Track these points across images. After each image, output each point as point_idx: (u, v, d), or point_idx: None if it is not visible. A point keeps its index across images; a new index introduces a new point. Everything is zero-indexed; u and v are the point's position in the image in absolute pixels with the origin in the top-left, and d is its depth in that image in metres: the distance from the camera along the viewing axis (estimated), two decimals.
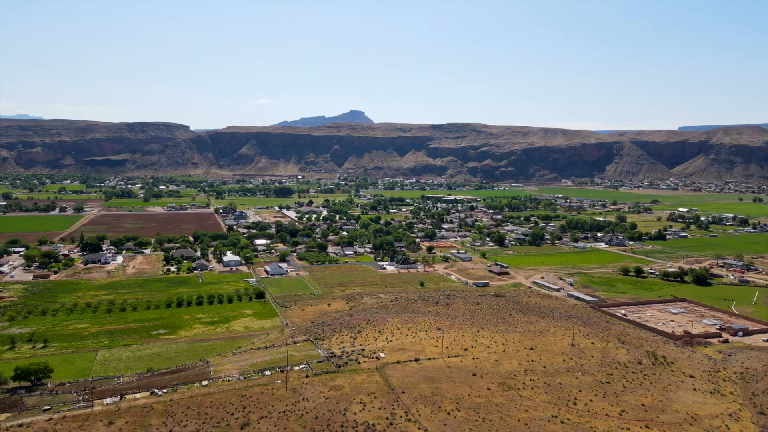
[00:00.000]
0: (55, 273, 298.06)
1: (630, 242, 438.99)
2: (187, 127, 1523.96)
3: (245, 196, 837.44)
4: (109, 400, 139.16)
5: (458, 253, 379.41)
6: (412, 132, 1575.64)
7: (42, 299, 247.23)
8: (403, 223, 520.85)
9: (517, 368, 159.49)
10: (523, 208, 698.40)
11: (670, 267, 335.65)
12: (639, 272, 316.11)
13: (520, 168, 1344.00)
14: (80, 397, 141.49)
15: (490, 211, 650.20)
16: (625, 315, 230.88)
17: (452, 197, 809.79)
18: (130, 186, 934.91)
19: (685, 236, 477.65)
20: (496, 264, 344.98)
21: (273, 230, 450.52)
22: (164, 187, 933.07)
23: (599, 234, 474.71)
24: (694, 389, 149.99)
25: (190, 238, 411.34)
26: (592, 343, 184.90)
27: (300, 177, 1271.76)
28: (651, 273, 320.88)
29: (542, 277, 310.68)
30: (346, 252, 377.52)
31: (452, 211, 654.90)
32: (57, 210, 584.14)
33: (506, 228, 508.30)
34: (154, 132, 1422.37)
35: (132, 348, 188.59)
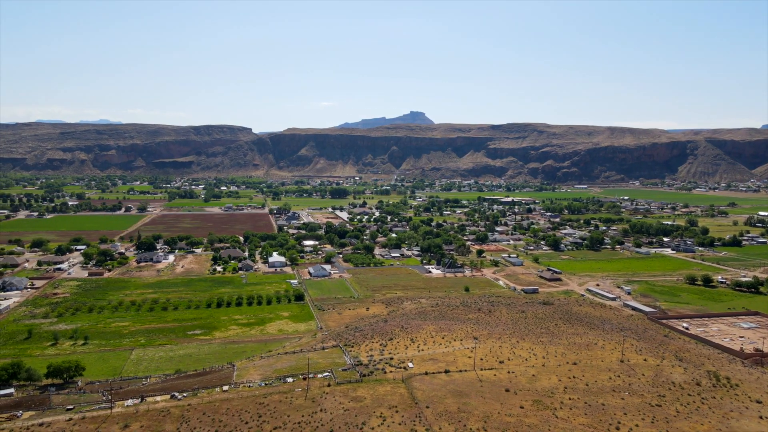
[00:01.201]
0: (109, 271, 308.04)
1: (700, 248, 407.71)
2: (250, 129, 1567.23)
3: (301, 197, 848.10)
4: (129, 401, 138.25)
5: (509, 257, 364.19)
6: (470, 132, 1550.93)
7: (92, 296, 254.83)
8: (455, 225, 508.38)
9: (555, 385, 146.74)
10: (583, 210, 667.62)
11: (744, 276, 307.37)
12: (707, 281, 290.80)
13: (584, 169, 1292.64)
14: (104, 398, 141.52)
15: (548, 214, 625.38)
16: (686, 329, 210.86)
17: (509, 199, 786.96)
18: (193, 187, 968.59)
19: (765, 242, 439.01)
20: (549, 269, 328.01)
21: (322, 231, 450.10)
22: (225, 188, 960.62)
23: (665, 239, 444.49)
24: (761, 417, 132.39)
25: (241, 238, 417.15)
26: (645, 360, 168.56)
27: (357, 178, 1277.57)
28: (721, 282, 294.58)
29: (597, 285, 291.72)
30: (393, 254, 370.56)
31: (508, 213, 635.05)
32: (122, 210, 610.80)
33: (563, 231, 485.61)
34: (219, 135, 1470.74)
35: (166, 348, 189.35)
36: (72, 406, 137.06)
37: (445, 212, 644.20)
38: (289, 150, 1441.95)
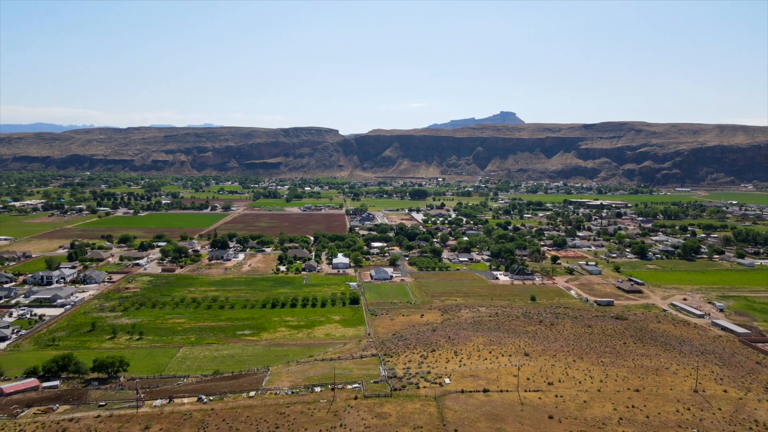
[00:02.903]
0: (181, 267, 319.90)
1: None
2: (337, 131, 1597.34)
3: (381, 198, 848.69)
4: (158, 402, 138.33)
5: (587, 264, 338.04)
6: (561, 132, 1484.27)
7: (159, 292, 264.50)
8: (533, 229, 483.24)
9: (609, 414, 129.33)
10: (681, 215, 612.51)
11: None
12: None
13: (687, 170, 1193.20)
14: (137, 395, 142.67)
15: (640, 219, 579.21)
16: None
17: (598, 202, 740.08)
18: (278, 187, 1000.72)
19: None
20: (629, 280, 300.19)
21: (392, 233, 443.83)
22: (309, 188, 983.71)
23: None
24: None
25: (311, 238, 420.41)
26: (725, 391, 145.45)
27: (440, 179, 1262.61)
28: None
29: (684, 299, 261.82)
30: (461, 258, 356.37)
31: (594, 217, 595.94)
32: (208, 209, 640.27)
33: (654, 238, 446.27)
34: (306, 136, 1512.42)
35: (212, 347, 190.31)
36: (104, 403, 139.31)
37: (525, 215, 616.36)
38: (374, 151, 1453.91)
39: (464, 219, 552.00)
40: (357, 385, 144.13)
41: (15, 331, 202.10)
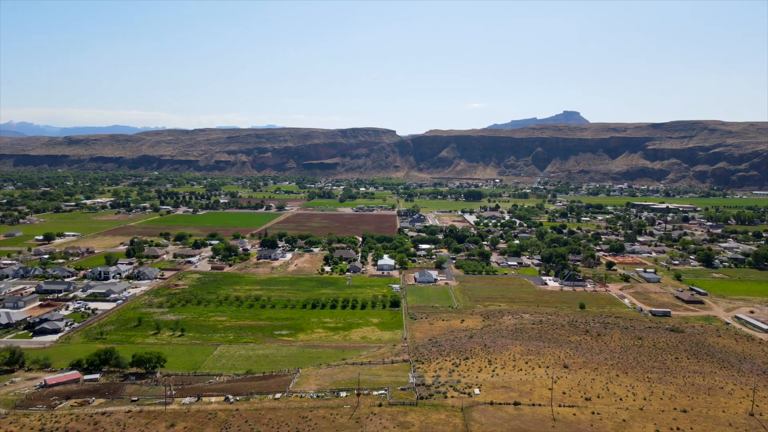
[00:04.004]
0: (230, 266, 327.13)
1: None
2: (394, 131, 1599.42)
3: (435, 199, 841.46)
4: (186, 399, 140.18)
5: (644, 271, 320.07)
6: (626, 132, 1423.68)
7: (205, 289, 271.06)
8: (590, 233, 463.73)
9: None
10: (756, 221, 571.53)
11: None
12: None
13: (767, 172, 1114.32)
14: (167, 392, 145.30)
15: (708, 224, 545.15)
16: None
17: (663, 205, 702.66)
18: (334, 187, 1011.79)
19: None
20: (691, 289, 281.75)
21: (441, 235, 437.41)
22: (363, 189, 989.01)
23: None
24: None
25: (359, 239, 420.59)
26: None
27: (497, 180, 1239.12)
28: None
29: (751, 312, 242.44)
30: (510, 262, 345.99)
31: (658, 221, 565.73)
32: (263, 208, 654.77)
33: (723, 245, 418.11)
34: (363, 137, 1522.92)
35: (248, 346, 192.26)
36: (137, 398, 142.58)
37: (583, 218, 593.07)
38: (430, 152, 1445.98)
39: (518, 221, 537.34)
40: (383, 391, 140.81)
41: (68, 323, 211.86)
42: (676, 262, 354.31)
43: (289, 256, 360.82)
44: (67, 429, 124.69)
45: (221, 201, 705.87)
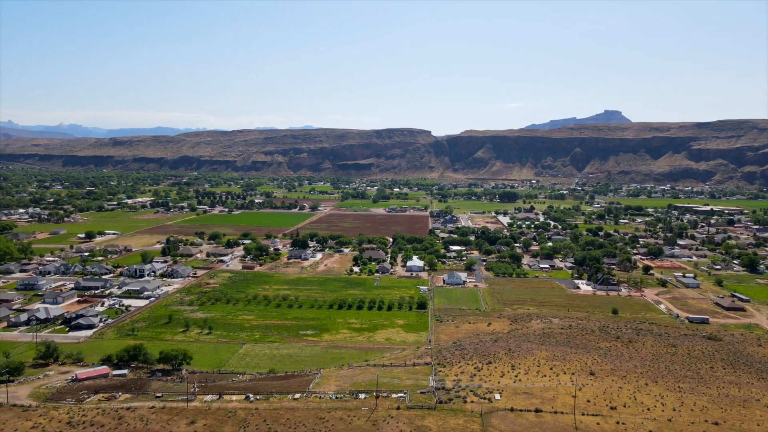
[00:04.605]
0: (261, 265, 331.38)
1: None
2: (429, 132, 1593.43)
3: (469, 200, 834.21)
4: (208, 397, 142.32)
5: (683, 276, 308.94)
6: (670, 132, 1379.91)
7: (235, 288, 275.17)
8: (627, 236, 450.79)
9: None
10: None
11: None
12: None
13: None
14: (190, 389, 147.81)
15: (755, 227, 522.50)
16: None
17: (708, 208, 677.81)
18: (368, 188, 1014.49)
19: None
20: (732, 295, 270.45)
21: (473, 236, 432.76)
22: (397, 189, 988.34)
23: None
24: None
25: (389, 239, 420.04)
26: None
27: (534, 181, 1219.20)
28: None
29: None
30: (542, 265, 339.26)
31: (701, 224, 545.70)
32: (297, 208, 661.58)
33: None
34: (399, 137, 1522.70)
35: (273, 346, 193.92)
36: (161, 394, 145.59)
37: (621, 221, 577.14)
38: (465, 152, 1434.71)
39: (552, 223, 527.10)
40: (402, 394, 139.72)
41: (102, 319, 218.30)
42: (718, 267, 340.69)
43: (319, 256, 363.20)
44: (93, 423, 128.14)
45: (256, 201, 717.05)
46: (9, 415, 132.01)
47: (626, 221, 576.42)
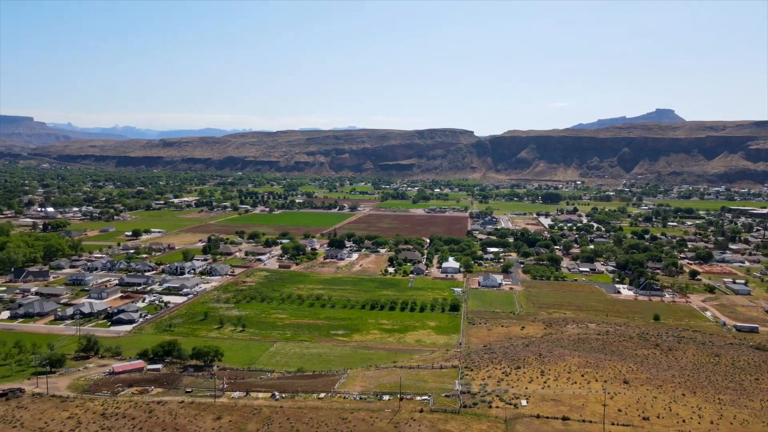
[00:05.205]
0: (297, 264, 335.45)
1: None
2: (471, 132, 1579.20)
3: (511, 201, 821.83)
4: (236, 394, 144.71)
5: (733, 282, 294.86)
6: (725, 131, 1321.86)
7: (271, 287, 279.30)
8: (674, 239, 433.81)
9: None
10: None
11: None
12: None
13: None
14: (217, 385, 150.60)
15: None
16: None
17: (764, 210, 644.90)
18: (408, 188, 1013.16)
19: None
20: None
21: (511, 238, 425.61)
22: (438, 190, 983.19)
23: None
24: None
25: (426, 240, 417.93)
26: None
27: (579, 183, 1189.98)
28: None
29: None
30: (582, 269, 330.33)
31: (757, 228, 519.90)
32: (336, 208, 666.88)
33: None
34: (441, 138, 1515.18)
35: (303, 345, 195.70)
36: (191, 389, 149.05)
37: (670, 223, 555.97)
38: (508, 153, 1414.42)
39: (595, 225, 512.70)
40: (426, 397, 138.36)
41: (142, 315, 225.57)
42: None
43: (355, 256, 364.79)
44: (125, 415, 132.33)
45: (296, 201, 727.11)
46: (48, 404, 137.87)
47: (675, 224, 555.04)
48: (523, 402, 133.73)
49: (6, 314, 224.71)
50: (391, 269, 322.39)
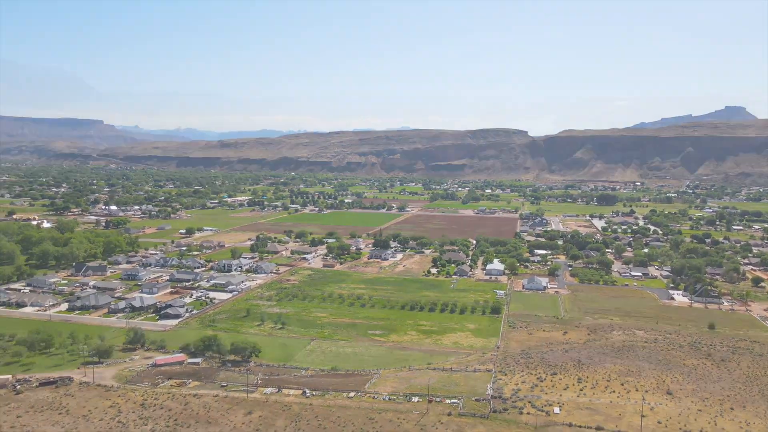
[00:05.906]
0: (341, 264, 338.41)
1: None
2: (525, 132, 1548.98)
3: (564, 203, 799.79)
4: (268, 390, 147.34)
5: None
6: None
7: (313, 286, 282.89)
8: (739, 243, 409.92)
9: None
10: None
11: None
12: None
13: None
14: (250, 381, 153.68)
15: None
16: None
17: None
18: (459, 189, 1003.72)
19: None
20: None
21: (561, 240, 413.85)
22: (489, 191, 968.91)
23: None
24: None
25: (472, 242, 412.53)
26: None
27: (638, 184, 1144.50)
28: None
29: None
30: (634, 273, 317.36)
31: None
32: (385, 209, 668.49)
33: None
34: (493, 138, 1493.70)
35: (340, 344, 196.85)
36: (226, 384, 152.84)
37: (735, 227, 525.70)
38: (563, 153, 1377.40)
39: (652, 228, 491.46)
40: (456, 400, 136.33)
41: (188, 310, 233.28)
42: None
43: (399, 256, 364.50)
44: (162, 406, 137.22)
45: (346, 201, 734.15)
46: (93, 393, 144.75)
47: (740, 228, 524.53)
48: (556, 409, 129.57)
49: (65, 306, 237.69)
50: (434, 270, 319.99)
